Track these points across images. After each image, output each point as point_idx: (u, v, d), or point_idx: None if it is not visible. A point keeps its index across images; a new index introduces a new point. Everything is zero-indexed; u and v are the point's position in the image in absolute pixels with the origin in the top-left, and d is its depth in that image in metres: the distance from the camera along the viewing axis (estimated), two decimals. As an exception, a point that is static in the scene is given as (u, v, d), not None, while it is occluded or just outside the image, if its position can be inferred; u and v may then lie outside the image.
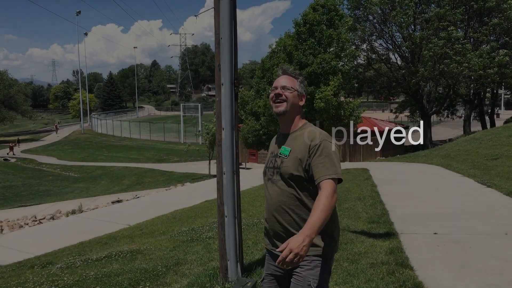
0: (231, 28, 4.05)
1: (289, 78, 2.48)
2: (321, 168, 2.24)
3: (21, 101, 62.55)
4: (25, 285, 5.02)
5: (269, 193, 2.46)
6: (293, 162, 2.33)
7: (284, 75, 2.50)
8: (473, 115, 36.42)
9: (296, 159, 2.33)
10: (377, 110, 71.37)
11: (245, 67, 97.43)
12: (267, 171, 2.50)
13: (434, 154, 16.05)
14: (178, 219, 9.05)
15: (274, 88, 2.47)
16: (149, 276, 4.79)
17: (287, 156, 2.37)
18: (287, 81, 2.46)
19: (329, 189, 2.17)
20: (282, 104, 2.42)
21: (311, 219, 2.10)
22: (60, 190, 23.86)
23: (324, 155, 2.26)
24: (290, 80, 2.47)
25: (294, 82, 2.47)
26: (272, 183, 2.43)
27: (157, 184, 22.11)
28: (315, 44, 21.79)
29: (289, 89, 2.43)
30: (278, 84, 2.45)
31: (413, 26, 28.59)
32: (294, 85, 2.46)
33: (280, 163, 2.38)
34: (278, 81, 2.48)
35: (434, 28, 25.60)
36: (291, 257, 1.96)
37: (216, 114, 4.26)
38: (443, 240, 5.47)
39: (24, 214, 14.08)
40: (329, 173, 2.22)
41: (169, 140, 49.04)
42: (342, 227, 6.21)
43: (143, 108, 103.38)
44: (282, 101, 2.42)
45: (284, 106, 2.42)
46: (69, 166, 34.31)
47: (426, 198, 8.20)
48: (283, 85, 2.44)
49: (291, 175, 2.32)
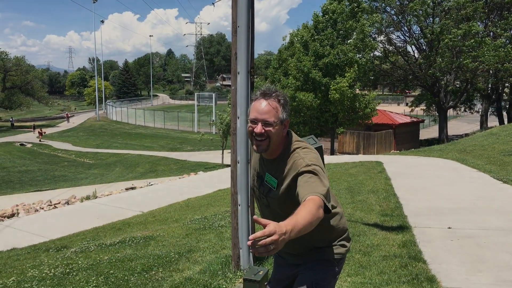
0: (248, 16, 4.03)
1: (271, 104, 2.03)
2: (306, 187, 1.92)
3: (38, 87, 63.23)
4: (40, 268, 5.11)
5: (263, 212, 2.29)
6: (282, 193, 2.09)
7: (264, 100, 2.04)
8: (490, 110, 35.90)
9: (284, 190, 2.08)
10: (393, 103, 70.74)
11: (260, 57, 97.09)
12: (255, 190, 2.29)
13: (450, 148, 15.87)
14: (191, 207, 9.11)
15: (254, 121, 2.04)
16: (161, 262, 4.84)
17: (275, 188, 2.12)
18: (268, 112, 2.02)
19: (318, 201, 1.83)
20: (263, 143, 2.05)
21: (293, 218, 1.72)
22: (75, 176, 24.15)
23: (310, 176, 1.96)
24: (272, 109, 2.03)
25: (277, 110, 2.04)
26: (263, 204, 2.25)
27: (170, 172, 22.24)
28: (333, 35, 21.63)
29: (272, 124, 2.02)
30: (259, 116, 2.02)
31: (431, 18, 28.20)
32: (278, 113, 2.04)
33: (268, 191, 2.16)
34: (257, 110, 2.04)
35: (453, 18, 25.23)
36: (268, 239, 1.55)
37: (232, 103, 4.26)
38: (457, 234, 5.43)
39: (39, 199, 14.28)
40: (315, 191, 1.88)
41: (183, 129, 49.24)
42: (355, 220, 6.20)
43: (158, 96, 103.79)
44: (262, 139, 2.04)
45: (265, 144, 2.05)
46: (84, 153, 34.68)
47: (441, 192, 8.13)
48: (265, 120, 2.01)
49: (284, 202, 2.11)
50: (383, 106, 42.39)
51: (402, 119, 31.08)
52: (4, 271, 5.28)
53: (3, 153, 33.64)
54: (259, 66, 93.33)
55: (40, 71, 74.65)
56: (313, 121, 22.33)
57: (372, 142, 27.34)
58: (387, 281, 3.97)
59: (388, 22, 29.69)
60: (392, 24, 29.83)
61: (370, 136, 27.31)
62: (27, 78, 59.69)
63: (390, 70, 32.01)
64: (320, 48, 21.41)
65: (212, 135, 33.12)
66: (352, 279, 4.07)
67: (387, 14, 29.80)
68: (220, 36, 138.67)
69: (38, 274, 4.81)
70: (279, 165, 2.11)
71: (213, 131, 37.53)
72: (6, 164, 28.71)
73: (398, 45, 30.97)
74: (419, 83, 31.23)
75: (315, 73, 20.84)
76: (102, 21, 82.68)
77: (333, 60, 21.03)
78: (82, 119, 62.84)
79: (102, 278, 4.43)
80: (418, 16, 27.55)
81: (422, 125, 36.37)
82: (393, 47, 30.61)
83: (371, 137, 27.29)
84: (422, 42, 29.69)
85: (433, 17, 28.20)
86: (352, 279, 4.08)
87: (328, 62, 21.08)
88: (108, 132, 47.66)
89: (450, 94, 29.95)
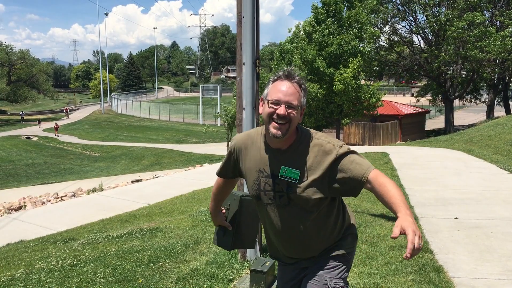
0: (253, 7, 4.00)
1: (295, 87, 1.90)
2: (358, 167, 1.88)
3: (43, 81, 63.38)
4: (48, 260, 5.14)
5: (272, 218, 2.04)
6: (309, 186, 1.91)
7: (288, 82, 1.91)
8: (497, 100, 35.63)
9: (313, 182, 1.91)
10: (398, 94, 70.39)
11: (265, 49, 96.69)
12: (262, 194, 2.01)
13: (456, 139, 15.80)
14: (196, 199, 9.14)
15: (276, 103, 1.88)
16: (168, 253, 4.86)
17: (297, 179, 1.91)
18: (293, 95, 1.89)
19: (380, 174, 1.86)
20: (283, 127, 1.87)
21: (397, 199, 1.73)
22: (81, 169, 24.27)
23: (351, 156, 1.91)
24: (296, 92, 1.90)
25: (299, 94, 1.91)
26: (275, 207, 2.00)
27: (176, 164, 22.30)
28: (334, 24, 21.49)
29: (295, 108, 1.88)
30: (282, 98, 1.87)
31: (437, 8, 27.96)
32: (300, 98, 1.91)
33: (287, 187, 1.94)
34: (281, 91, 1.88)
35: (460, 8, 25.00)
36: (418, 240, 1.56)
37: (237, 94, 4.25)
38: (464, 225, 5.41)
39: (46, 191, 14.36)
40: (369, 167, 1.89)
41: (188, 121, 49.28)
42: (361, 210, 6.19)
43: (163, 89, 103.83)
44: (284, 123, 1.87)
45: (285, 129, 1.88)
46: (90, 146, 34.82)
47: (447, 183, 8.10)
48: (289, 102, 1.87)
49: (308, 200, 1.93)
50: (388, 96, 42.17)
51: (408, 109, 30.92)
52: (13, 263, 5.32)
53: (10, 147, 33.84)
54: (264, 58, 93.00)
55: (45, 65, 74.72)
56: (318, 112, 22.24)
57: (377, 133, 27.24)
58: (394, 271, 3.97)
59: (394, 12, 29.46)
60: (397, 14, 29.60)
61: (375, 127, 27.21)
62: (32, 72, 59.82)
63: (395, 60, 31.81)
64: (322, 37, 21.29)
65: (217, 127, 33.15)
66: (358, 270, 4.07)
67: (392, 4, 29.57)
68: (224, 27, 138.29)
69: (46, 266, 4.84)
70: (298, 154, 1.94)
71: (218, 123, 37.53)
72: (12, 158, 28.90)
73: (403, 35, 30.75)
74: (424, 73, 31.04)
75: (320, 62, 20.75)
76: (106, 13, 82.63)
77: (336, 49, 20.91)
78: (88, 112, 63.00)
79: (109, 269, 4.46)
80: (424, 5, 27.31)
81: (428, 116, 36.18)
82: (399, 37, 30.39)
83: (376, 128, 27.20)
84: (428, 32, 29.45)
85: (439, 6, 27.94)
86: (359, 269, 4.08)
87: (331, 51, 20.96)
88: (114, 125, 47.78)
89: (456, 84, 29.76)
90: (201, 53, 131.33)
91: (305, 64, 21.02)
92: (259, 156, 2.01)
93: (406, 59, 31.47)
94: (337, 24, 21.61)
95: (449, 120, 30.04)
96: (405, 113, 29.22)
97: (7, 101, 63.26)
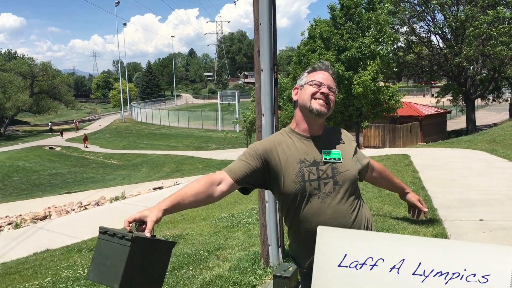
0: (270, 13, 4.02)
1: (331, 77, 2.09)
2: (363, 154, 2.25)
3: (65, 92, 64.41)
4: (74, 268, 5.23)
5: (314, 211, 1.97)
6: (351, 163, 2.06)
7: (327, 72, 2.10)
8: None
9: (352, 160, 2.07)
10: (418, 95, 69.61)
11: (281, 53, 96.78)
12: (308, 185, 1.96)
13: (479, 139, 15.53)
14: (217, 206, 9.18)
15: (318, 84, 2.03)
16: (192, 260, 4.89)
17: (341, 160, 2.02)
18: (332, 82, 2.07)
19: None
20: (326, 106, 2.02)
21: (397, 181, 2.40)
22: (103, 177, 24.59)
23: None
24: (333, 81, 2.10)
25: (334, 83, 2.11)
26: (319, 198, 1.97)
27: (196, 171, 22.43)
28: (353, 28, 21.41)
29: (334, 92, 2.07)
30: (324, 81, 2.04)
31: (455, 7, 27.60)
32: (335, 86, 2.10)
33: (333, 169, 1.99)
34: (322, 76, 2.06)
35: (479, 5, 24.63)
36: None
37: (256, 100, 4.27)
38: (489, 226, 5.32)
39: (70, 200, 14.60)
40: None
41: (207, 127, 49.52)
42: (384, 214, 6.14)
43: (181, 96, 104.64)
44: (326, 103, 2.02)
45: (327, 108, 2.02)
46: (111, 154, 35.25)
47: (471, 184, 7.97)
48: (329, 85, 2.04)
49: (354, 178, 2.05)
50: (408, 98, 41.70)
51: (428, 110, 30.53)
52: (40, 272, 5.42)
53: (34, 157, 34.49)
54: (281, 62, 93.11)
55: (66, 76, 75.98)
56: (337, 115, 22.16)
57: (398, 135, 26.97)
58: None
59: (411, 12, 29.19)
60: (415, 14, 29.32)
61: (395, 129, 26.94)
62: (54, 83, 60.85)
63: (414, 61, 31.48)
64: (341, 41, 21.22)
65: (236, 133, 33.24)
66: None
67: (410, 4, 29.30)
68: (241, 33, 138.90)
69: (72, 275, 4.92)
70: (330, 137, 2.10)
71: (237, 129, 37.64)
72: (37, 168, 29.45)
73: (422, 36, 30.42)
74: (444, 73, 30.63)
75: (338, 67, 20.69)
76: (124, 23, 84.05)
77: (355, 53, 20.82)
78: (108, 121, 63.82)
79: (134, 277, 4.50)
80: (442, 5, 26.99)
81: (449, 116, 35.64)
82: (417, 37, 30.08)
83: (396, 130, 26.93)
84: (446, 31, 29.08)
85: (457, 5, 27.58)
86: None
87: (350, 55, 20.88)
88: (134, 133, 48.31)
89: (477, 83, 29.27)
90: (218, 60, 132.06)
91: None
92: (296, 148, 2.02)
93: (425, 59, 31.11)
94: (355, 26, 21.53)
95: (471, 120, 29.56)
96: (426, 114, 28.85)
97: (30, 112, 64.46)
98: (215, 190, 1.95)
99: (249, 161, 2.00)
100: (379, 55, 21.18)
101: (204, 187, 1.94)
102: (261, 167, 2.00)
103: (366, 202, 6.62)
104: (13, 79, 53.79)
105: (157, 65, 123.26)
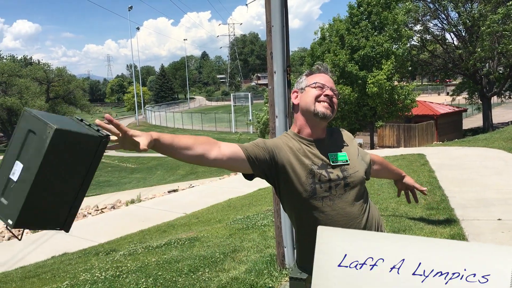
0: (282, 15, 4.03)
1: (331, 79, 2.07)
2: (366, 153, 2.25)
3: (80, 96, 65.11)
4: (91, 271, 5.28)
5: (326, 214, 1.95)
6: (358, 164, 2.04)
7: (327, 74, 2.07)
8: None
9: (358, 159, 2.05)
10: (433, 93, 68.88)
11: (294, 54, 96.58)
12: (318, 188, 1.92)
13: (496, 137, 15.31)
14: (232, 207, 9.19)
15: (321, 86, 2.00)
16: (207, 262, 4.91)
17: (348, 161, 1.99)
18: (332, 84, 2.05)
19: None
20: (330, 108, 1.99)
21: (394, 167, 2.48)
22: (119, 181, 24.81)
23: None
24: (333, 83, 2.07)
25: (335, 86, 2.07)
26: (330, 200, 1.94)
27: (210, 173, 22.50)
28: (368, 27, 21.30)
29: (336, 95, 2.03)
30: (327, 83, 2.01)
31: (469, 4, 27.30)
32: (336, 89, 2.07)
33: (342, 171, 1.97)
34: (324, 78, 2.04)
35: (493, 2, 24.32)
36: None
37: (269, 102, 4.27)
38: (508, 226, 5.24)
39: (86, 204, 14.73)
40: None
41: (221, 129, 49.65)
42: (400, 214, 6.09)
43: (194, 99, 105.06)
44: (331, 105, 1.99)
45: (331, 111, 1.99)
46: (126, 158, 35.54)
47: (488, 183, 7.87)
48: (332, 88, 2.01)
49: (363, 179, 2.02)
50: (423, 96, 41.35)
51: (444, 109, 30.22)
52: (58, 276, 5.49)
53: (50, 161, 34.88)
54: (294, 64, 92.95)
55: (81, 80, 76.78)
56: (351, 115, 22.06)
57: (413, 134, 26.74)
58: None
59: (425, 10, 28.94)
60: (428, 12, 29.06)
61: (410, 128, 26.72)
62: (69, 88, 61.56)
63: (428, 59, 31.19)
64: (355, 40, 21.13)
65: (249, 135, 33.27)
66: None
67: (423, 2, 29.05)
68: (253, 35, 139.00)
69: (90, 278, 4.97)
70: (334, 140, 2.07)
71: (251, 131, 37.67)
72: (53, 172, 29.75)
73: (436, 34, 30.14)
74: (459, 71, 30.29)
75: (351, 67, 20.59)
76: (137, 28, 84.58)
77: (369, 52, 20.70)
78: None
79: (151, 279, 4.54)
80: (455, 2, 26.72)
81: (465, 114, 35.21)
82: (431, 35, 29.81)
83: (411, 129, 26.70)
84: (461, 29, 28.77)
85: (471, 2, 27.28)
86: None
87: (364, 54, 20.77)
88: (148, 137, 48.56)
89: (493, 81, 28.89)
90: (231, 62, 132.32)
91: (336, 68, 20.92)
92: (304, 151, 1.97)
93: (440, 57, 30.81)
94: (371, 25, 21.43)
95: (487, 118, 29.17)
96: (441, 112, 28.57)
97: (47, 117, 65.21)
98: (214, 149, 1.81)
99: (259, 148, 1.92)
100: (394, 54, 21.03)
101: (205, 141, 1.82)
102: (268, 160, 1.92)
103: (382, 203, 6.57)
104: (29, 85, 54.48)
105: (171, 68, 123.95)
